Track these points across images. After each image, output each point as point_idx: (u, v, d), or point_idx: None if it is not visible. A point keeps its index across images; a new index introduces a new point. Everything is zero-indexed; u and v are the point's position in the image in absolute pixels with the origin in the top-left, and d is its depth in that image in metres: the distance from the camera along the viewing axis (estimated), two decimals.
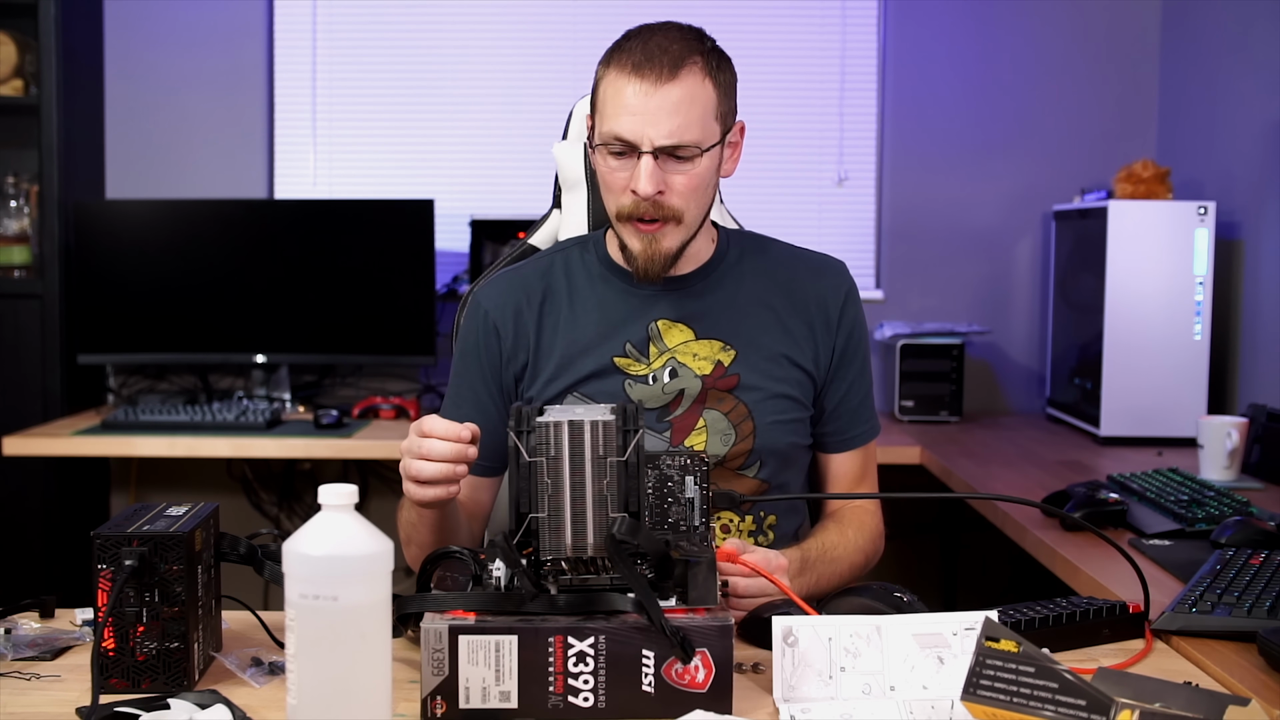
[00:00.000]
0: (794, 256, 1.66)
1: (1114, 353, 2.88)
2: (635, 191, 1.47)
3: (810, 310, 1.62)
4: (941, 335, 3.31)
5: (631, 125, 1.45)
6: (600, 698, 1.13)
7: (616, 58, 1.47)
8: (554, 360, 1.59)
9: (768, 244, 1.67)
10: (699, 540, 1.25)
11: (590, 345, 1.59)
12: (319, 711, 0.98)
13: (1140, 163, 3.05)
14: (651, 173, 1.46)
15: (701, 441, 1.56)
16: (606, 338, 1.59)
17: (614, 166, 1.49)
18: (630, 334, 1.58)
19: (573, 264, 1.64)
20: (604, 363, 1.58)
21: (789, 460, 1.62)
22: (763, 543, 1.60)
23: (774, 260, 1.65)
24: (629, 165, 1.48)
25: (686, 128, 1.46)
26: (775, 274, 1.63)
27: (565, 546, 1.16)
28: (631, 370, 1.58)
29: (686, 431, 1.57)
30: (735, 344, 1.59)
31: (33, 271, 3.23)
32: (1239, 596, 1.41)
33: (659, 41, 1.46)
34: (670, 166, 1.47)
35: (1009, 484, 2.44)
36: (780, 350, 1.60)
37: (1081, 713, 0.97)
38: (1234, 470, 2.34)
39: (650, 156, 1.46)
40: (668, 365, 1.57)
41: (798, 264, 1.65)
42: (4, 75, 3.20)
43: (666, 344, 1.58)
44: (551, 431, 1.16)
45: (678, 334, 1.59)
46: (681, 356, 1.58)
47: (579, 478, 1.15)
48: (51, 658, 1.29)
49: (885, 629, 1.17)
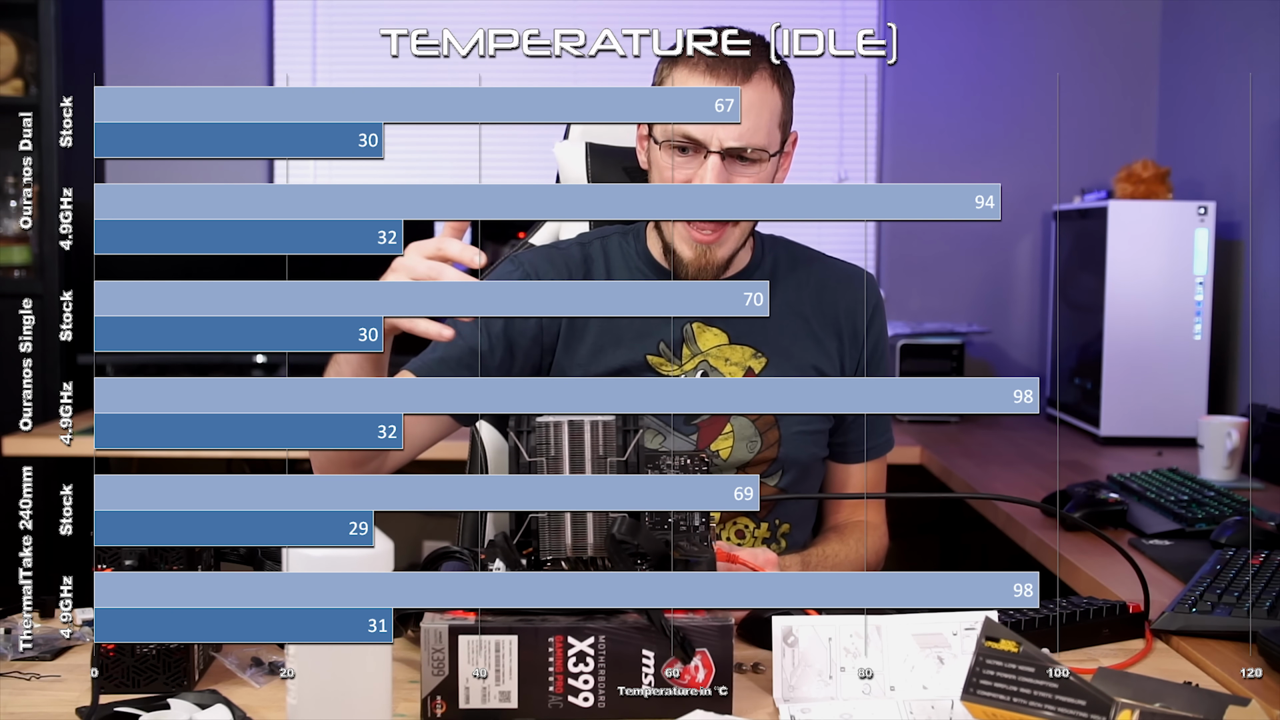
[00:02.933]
0: (825, 266, 1.66)
1: (1114, 353, 2.88)
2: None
3: (839, 320, 1.62)
4: (941, 335, 3.31)
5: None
6: (600, 698, 1.13)
7: (686, 55, 1.46)
8: (587, 344, 1.57)
9: (800, 252, 1.66)
10: (699, 540, 1.25)
11: (625, 338, 1.57)
12: (319, 711, 0.98)
13: (1140, 163, 3.05)
14: (719, 172, 1.45)
15: (727, 447, 1.56)
16: (642, 334, 1.57)
17: (677, 163, 1.47)
18: (665, 333, 1.58)
19: (612, 252, 1.62)
20: (636, 359, 1.57)
21: (809, 471, 1.62)
22: (775, 550, 1.60)
23: (806, 269, 1.64)
24: (693, 164, 1.47)
25: (755, 131, 1.45)
26: (807, 283, 1.63)
27: (565, 546, 1.16)
28: (664, 370, 1.57)
29: (713, 436, 1.56)
30: (766, 352, 1.59)
31: (33, 271, 3.23)
32: (1239, 596, 1.41)
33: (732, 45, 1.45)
34: (735, 169, 1.46)
35: (1009, 484, 2.44)
36: (810, 361, 1.60)
37: (1081, 713, 0.97)
38: (1234, 470, 2.34)
39: (718, 156, 1.45)
40: (700, 368, 1.57)
41: (828, 273, 1.65)
42: (4, 75, 3.21)
43: (700, 347, 1.58)
44: (551, 431, 1.16)
45: (712, 337, 1.58)
46: (714, 360, 1.57)
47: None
48: (51, 658, 1.29)
49: (885, 629, 1.17)
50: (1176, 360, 2.86)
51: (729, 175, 1.46)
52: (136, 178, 3.42)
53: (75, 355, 3.12)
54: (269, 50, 3.52)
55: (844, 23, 3.45)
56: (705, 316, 1.56)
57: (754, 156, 1.46)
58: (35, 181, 3.18)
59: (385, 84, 4.03)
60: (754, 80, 1.45)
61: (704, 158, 1.45)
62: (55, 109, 3.11)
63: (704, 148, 1.45)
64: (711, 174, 1.44)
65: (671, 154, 1.47)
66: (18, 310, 1.14)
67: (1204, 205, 2.84)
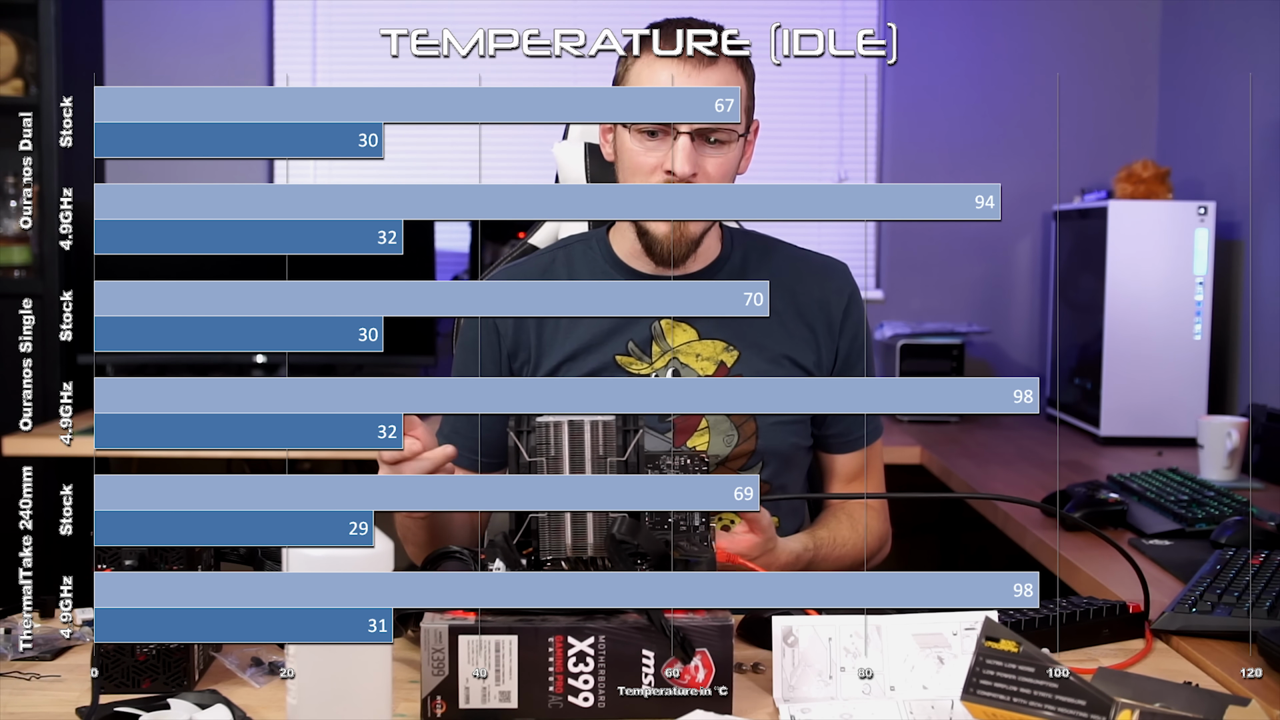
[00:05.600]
0: (797, 258, 1.66)
1: (1114, 353, 2.88)
2: (670, 172, 1.47)
3: (813, 312, 1.62)
4: (941, 335, 3.31)
5: None
6: (600, 698, 1.13)
7: (648, 45, 1.47)
8: (556, 357, 1.59)
9: (771, 244, 1.67)
10: (699, 540, 1.25)
11: (593, 343, 1.58)
12: (319, 711, 0.98)
13: (1140, 163, 3.05)
14: (689, 153, 1.46)
15: (704, 442, 1.56)
16: (610, 335, 1.58)
17: (647, 148, 1.49)
18: (634, 333, 1.58)
19: (576, 260, 1.64)
20: (606, 361, 1.58)
21: (790, 461, 1.62)
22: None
23: (778, 262, 1.65)
24: (662, 146, 1.48)
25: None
26: (779, 275, 1.63)
27: (565, 546, 1.16)
28: (634, 369, 1.58)
29: (689, 432, 1.57)
30: (738, 345, 1.59)
31: (33, 271, 3.23)
32: (1239, 596, 1.41)
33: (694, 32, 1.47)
34: (704, 150, 1.48)
35: (1009, 484, 2.44)
36: (783, 351, 1.60)
37: (1081, 713, 0.97)
38: (1234, 470, 2.34)
39: (687, 137, 1.46)
40: (670, 365, 1.57)
41: (801, 266, 1.65)
42: (4, 75, 3.21)
43: (670, 343, 1.58)
44: (551, 431, 1.16)
45: (681, 334, 1.59)
46: (684, 356, 1.58)
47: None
48: (51, 658, 1.29)
49: (885, 629, 1.17)
50: (1176, 360, 2.86)
51: (699, 157, 1.48)
52: (136, 178, 3.42)
53: (75, 355, 3.13)
54: (269, 50, 3.52)
55: (844, 23, 3.45)
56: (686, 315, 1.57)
57: (723, 138, 1.48)
58: (35, 181, 3.18)
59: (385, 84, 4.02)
60: (719, 63, 1.47)
61: (674, 139, 1.47)
62: (55, 109, 3.11)
63: (673, 130, 1.47)
64: (682, 155, 1.46)
65: (642, 139, 1.49)
66: (18, 310, 1.14)
67: (1204, 205, 2.84)
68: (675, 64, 1.46)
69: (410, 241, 1.14)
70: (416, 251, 3.19)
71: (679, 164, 1.46)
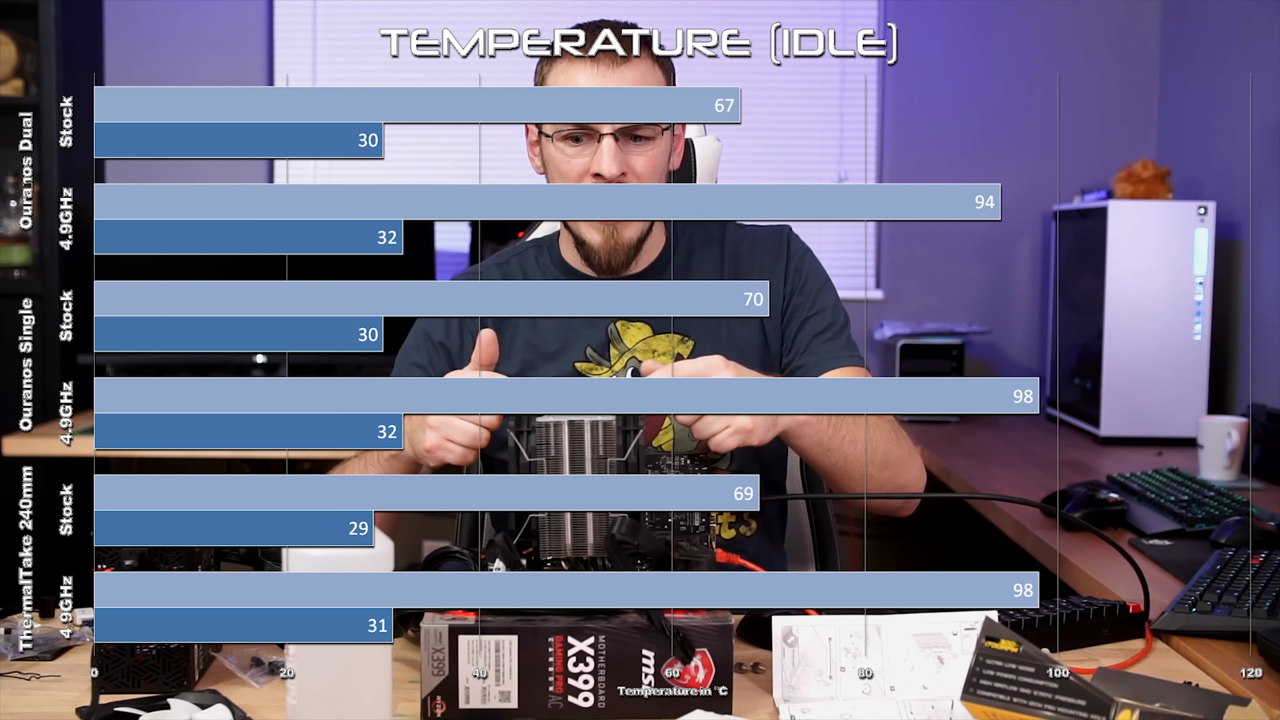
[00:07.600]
0: (739, 234, 1.64)
1: (1114, 353, 2.88)
2: (597, 175, 1.46)
3: (755, 278, 1.59)
4: (941, 335, 3.31)
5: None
6: (600, 698, 1.13)
7: (561, 51, 1.46)
8: (513, 369, 1.57)
9: (713, 227, 1.65)
10: (699, 540, 1.25)
11: (551, 352, 1.57)
12: (319, 711, 0.98)
13: (1140, 163, 3.05)
14: (615, 153, 1.45)
15: (669, 440, 1.54)
16: (567, 343, 1.57)
17: (571, 154, 1.48)
18: (590, 338, 1.57)
19: (528, 266, 1.63)
20: (565, 369, 1.56)
21: (759, 450, 1.58)
22: (745, 533, 1.58)
23: (720, 242, 1.63)
24: (587, 151, 1.47)
25: None
26: (723, 257, 1.62)
27: (565, 547, 1.16)
28: (594, 375, 1.57)
29: (655, 431, 1.55)
30: (692, 334, 1.58)
31: (33, 271, 3.23)
32: (1239, 596, 1.41)
33: (604, 34, 1.46)
34: (630, 149, 1.47)
35: (1009, 484, 2.44)
36: (737, 333, 1.57)
37: (1081, 713, 0.97)
38: (1234, 470, 2.34)
39: (611, 138, 1.45)
40: (629, 366, 1.56)
41: (741, 241, 1.63)
42: (4, 75, 3.21)
43: (626, 344, 1.57)
44: (551, 431, 1.16)
45: (636, 332, 1.58)
46: (641, 355, 1.57)
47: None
48: (51, 658, 1.29)
49: (885, 629, 1.17)
50: (1176, 360, 2.86)
51: (625, 156, 1.46)
52: (136, 178, 3.42)
53: (75, 355, 3.13)
54: (269, 50, 3.52)
55: (844, 23, 3.45)
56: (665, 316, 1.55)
57: (647, 134, 1.47)
58: (35, 181, 3.18)
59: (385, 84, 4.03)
60: (634, 61, 1.46)
61: (598, 142, 1.46)
62: (55, 109, 3.11)
63: (596, 132, 1.46)
64: (608, 156, 1.44)
65: (566, 144, 1.48)
66: (18, 310, 1.14)
67: (1204, 205, 2.84)
68: (588, 64, 1.45)
69: (410, 241, 1.14)
70: (416, 251, 3.19)
71: (605, 165, 1.44)
